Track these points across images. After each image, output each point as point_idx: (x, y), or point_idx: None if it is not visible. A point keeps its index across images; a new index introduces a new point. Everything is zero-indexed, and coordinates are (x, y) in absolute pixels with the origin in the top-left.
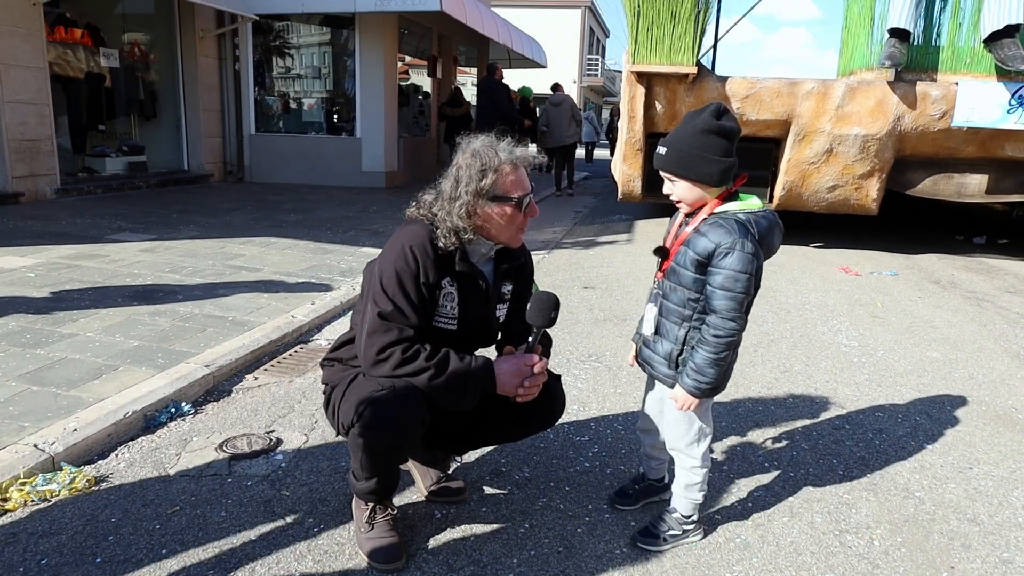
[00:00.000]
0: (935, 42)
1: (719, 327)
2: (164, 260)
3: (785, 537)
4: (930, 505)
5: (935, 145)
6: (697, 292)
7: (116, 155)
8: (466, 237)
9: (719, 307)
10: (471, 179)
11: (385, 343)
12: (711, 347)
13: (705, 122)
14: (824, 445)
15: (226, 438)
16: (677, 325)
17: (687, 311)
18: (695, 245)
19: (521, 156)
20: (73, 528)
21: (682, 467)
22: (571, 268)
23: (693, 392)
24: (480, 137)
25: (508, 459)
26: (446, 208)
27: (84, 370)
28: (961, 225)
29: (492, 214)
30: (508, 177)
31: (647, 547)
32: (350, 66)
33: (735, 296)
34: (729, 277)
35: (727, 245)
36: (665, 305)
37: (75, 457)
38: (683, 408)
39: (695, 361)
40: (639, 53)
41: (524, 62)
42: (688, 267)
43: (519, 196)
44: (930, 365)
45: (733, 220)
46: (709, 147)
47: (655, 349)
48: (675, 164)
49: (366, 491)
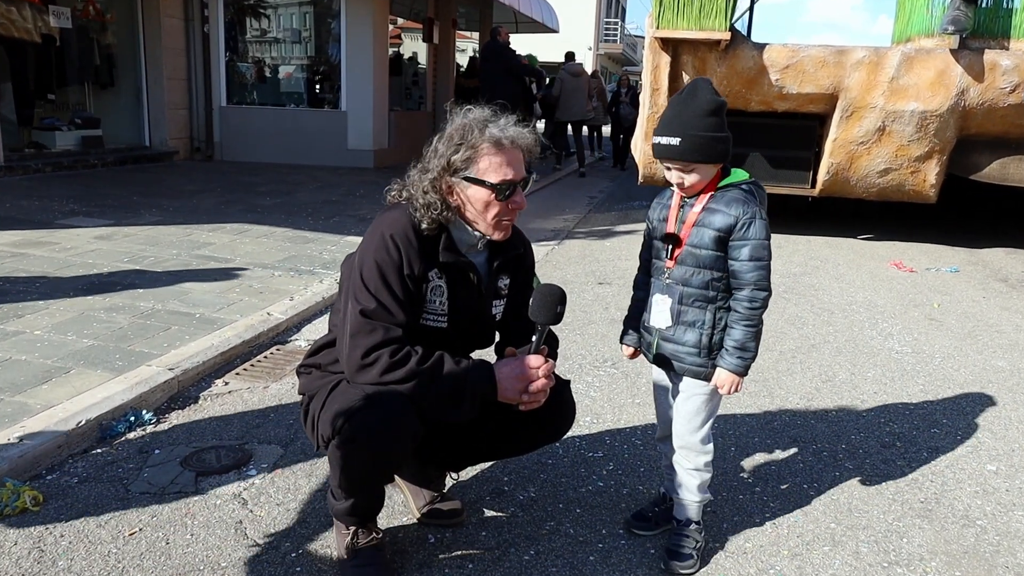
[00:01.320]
0: (1007, 4)
1: (755, 299)
2: (123, 249)
3: (826, 569)
4: (993, 535)
5: (1005, 123)
6: (720, 271)
7: (68, 128)
8: (439, 215)
9: (752, 279)
10: (444, 152)
11: (370, 345)
12: (749, 320)
13: (709, 101)
14: (871, 465)
15: (192, 451)
16: (702, 310)
17: (711, 292)
18: (712, 222)
19: (515, 137)
20: (17, 553)
21: (694, 467)
22: (584, 261)
23: (740, 371)
24: (475, 109)
25: (511, 477)
26: (416, 180)
27: (31, 373)
28: None
29: (468, 197)
30: (486, 158)
31: (685, 571)
32: (335, 29)
33: (765, 264)
34: (756, 247)
35: (748, 216)
36: (685, 292)
37: (20, 471)
38: (730, 391)
39: (735, 338)
40: (664, 16)
41: (533, 26)
42: (709, 246)
43: (498, 182)
44: (995, 375)
45: (740, 191)
46: (715, 126)
47: (680, 340)
48: (696, 153)
49: (346, 512)
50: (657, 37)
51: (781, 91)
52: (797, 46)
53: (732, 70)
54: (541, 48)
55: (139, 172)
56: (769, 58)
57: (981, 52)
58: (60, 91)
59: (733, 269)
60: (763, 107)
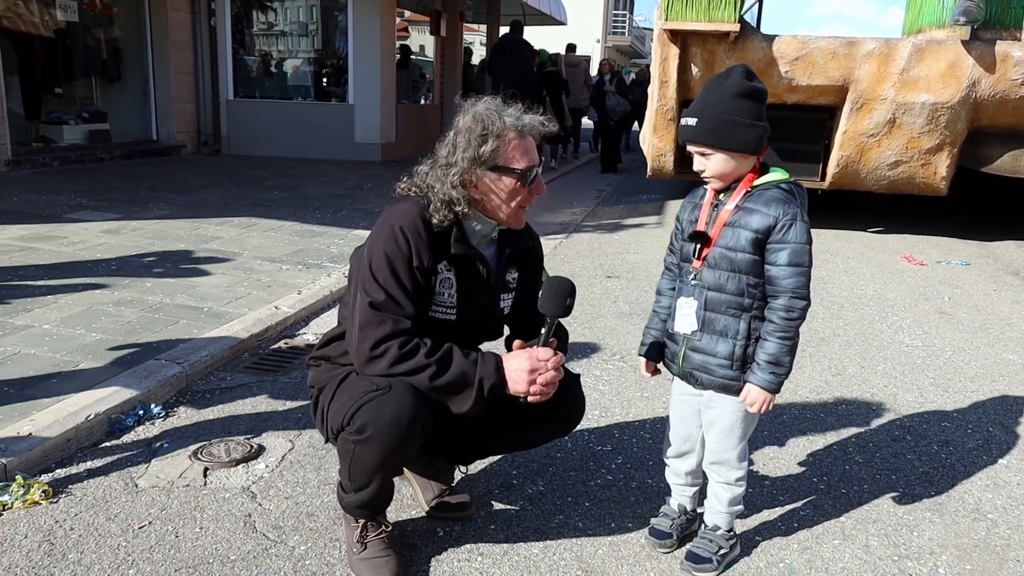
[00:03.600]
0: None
1: (792, 308)
2: (130, 243)
3: (836, 563)
4: (1004, 529)
5: (1017, 115)
6: (757, 276)
7: (75, 122)
8: (461, 210)
9: (790, 285)
10: (469, 144)
11: (379, 337)
12: (784, 332)
13: (737, 84)
14: (882, 459)
15: (201, 445)
16: (736, 318)
17: (747, 300)
18: (748, 223)
19: (529, 124)
20: (27, 546)
21: (725, 482)
22: (593, 254)
23: (773, 388)
24: (485, 99)
25: (520, 470)
26: (439, 176)
27: (40, 367)
28: None
29: (491, 186)
30: (512, 145)
31: (701, 574)
32: (342, 22)
33: (805, 271)
34: (796, 251)
35: (788, 217)
36: (715, 298)
37: (30, 465)
38: (760, 409)
39: (768, 352)
40: (673, 8)
41: (541, 18)
42: (745, 249)
43: (524, 167)
44: (1006, 368)
45: (779, 190)
46: (744, 111)
47: (711, 351)
48: (710, 135)
49: (355, 505)
50: (666, 29)
51: (791, 83)
52: (807, 38)
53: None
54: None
55: (146, 166)
56: (779, 50)
57: (993, 43)
58: (67, 85)
59: (770, 275)
60: (772, 99)
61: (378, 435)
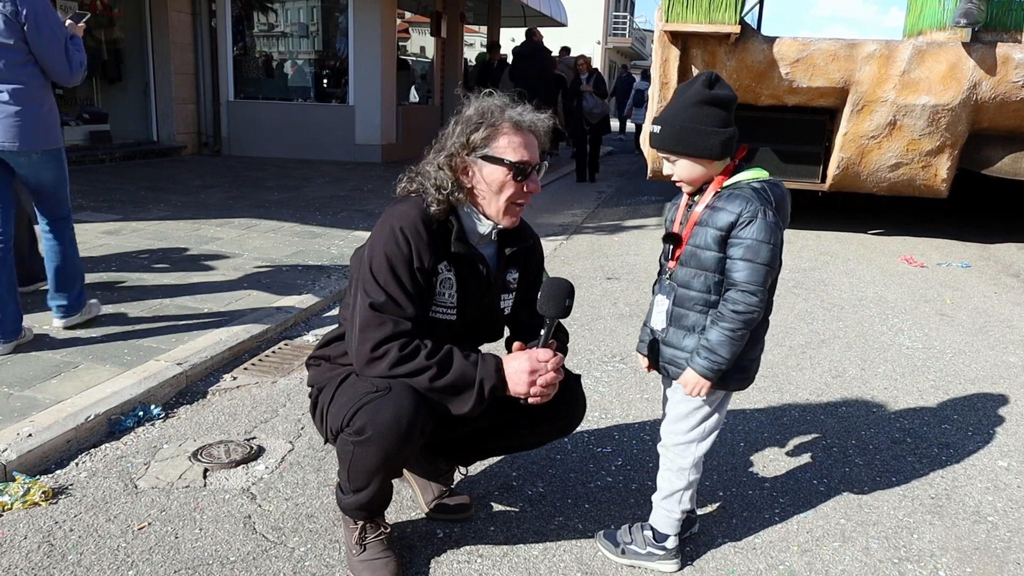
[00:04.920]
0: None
1: (738, 301)
2: (131, 243)
3: (836, 565)
4: (1004, 531)
5: (1017, 117)
6: (722, 273)
7: (75, 123)
8: (451, 195)
9: (739, 278)
10: (463, 131)
11: (380, 338)
12: (728, 322)
13: (698, 93)
14: (882, 461)
15: (201, 446)
16: (703, 315)
17: (713, 296)
18: (714, 221)
19: (530, 120)
20: (27, 547)
21: (667, 469)
22: (593, 256)
23: (705, 374)
24: (494, 93)
25: (519, 472)
26: (430, 159)
27: (40, 367)
28: None
29: (480, 175)
30: (506, 136)
31: (602, 549)
32: (342, 23)
33: (757, 267)
34: (751, 247)
35: (749, 213)
36: (684, 295)
37: (30, 466)
38: (692, 393)
39: (709, 338)
40: (674, 10)
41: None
42: (710, 246)
43: (516, 161)
44: (1007, 371)
45: (748, 189)
46: (705, 119)
47: (679, 345)
48: (672, 141)
49: (354, 507)
50: (666, 30)
51: (791, 85)
52: (808, 39)
53: (742, 64)
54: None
55: (147, 167)
56: (779, 52)
57: (994, 45)
58: None
59: (726, 268)
60: (773, 101)
61: (377, 436)
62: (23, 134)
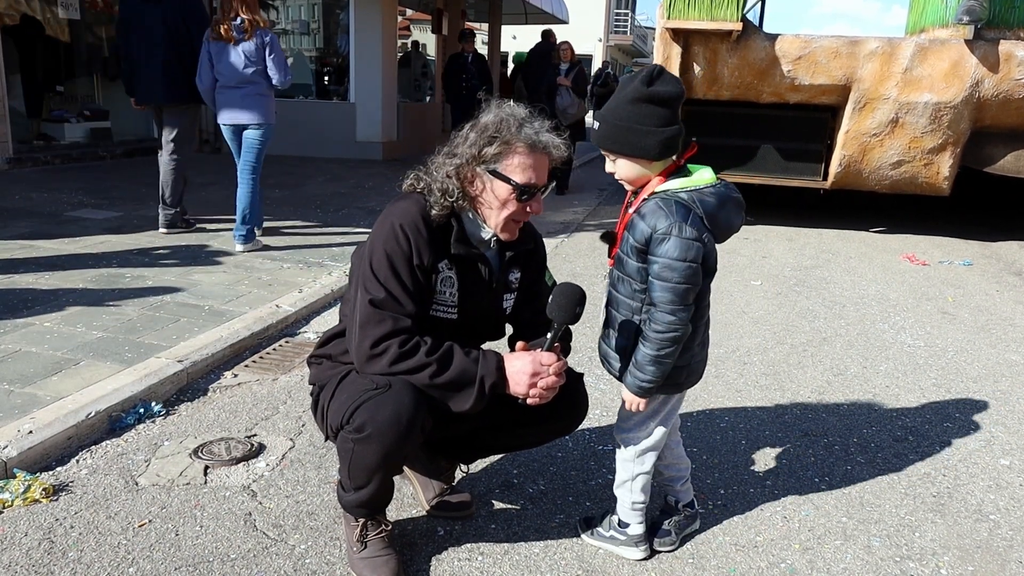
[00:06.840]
0: None
1: (658, 321)
2: (131, 241)
3: (837, 563)
4: (1006, 530)
5: (1020, 115)
6: (642, 282)
7: (76, 120)
8: (455, 202)
9: (656, 299)
10: (476, 141)
11: (380, 335)
12: (651, 343)
13: (636, 90)
14: (883, 459)
15: (201, 443)
16: (627, 318)
17: (635, 303)
18: (633, 231)
19: (545, 142)
20: (27, 544)
21: (621, 458)
22: (594, 254)
23: (635, 391)
24: (517, 106)
25: (521, 470)
26: (440, 163)
27: (41, 364)
28: None
29: (488, 190)
30: (518, 157)
31: (578, 528)
32: (343, 20)
33: (672, 287)
34: (665, 266)
35: (663, 230)
36: (613, 296)
37: (31, 463)
38: (631, 408)
39: (636, 357)
40: (675, 7)
41: (542, 17)
42: (630, 255)
43: (522, 182)
44: (1008, 369)
45: (673, 201)
46: (644, 117)
47: (610, 344)
48: (608, 140)
49: (355, 504)
50: (668, 28)
51: (793, 82)
52: (809, 37)
53: (743, 61)
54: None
55: (147, 164)
56: (781, 49)
57: (996, 43)
58: (69, 83)
59: (648, 283)
60: (775, 99)
61: (377, 434)
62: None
